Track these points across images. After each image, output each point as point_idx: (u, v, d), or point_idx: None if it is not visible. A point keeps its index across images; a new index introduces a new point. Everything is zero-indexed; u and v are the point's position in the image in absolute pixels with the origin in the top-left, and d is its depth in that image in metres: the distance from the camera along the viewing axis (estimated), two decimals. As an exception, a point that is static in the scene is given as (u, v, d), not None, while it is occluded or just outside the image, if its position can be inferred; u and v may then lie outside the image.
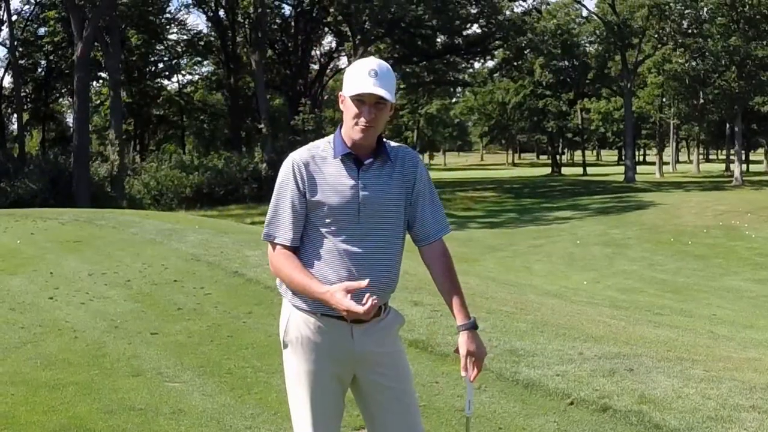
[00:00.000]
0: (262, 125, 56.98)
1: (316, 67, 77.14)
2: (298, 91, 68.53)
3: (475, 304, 11.71)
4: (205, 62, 79.88)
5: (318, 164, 4.05)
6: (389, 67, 4.01)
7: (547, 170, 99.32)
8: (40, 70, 72.80)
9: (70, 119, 76.74)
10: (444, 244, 4.16)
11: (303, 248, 4.07)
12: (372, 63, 3.96)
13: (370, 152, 4.01)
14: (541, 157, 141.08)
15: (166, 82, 79.87)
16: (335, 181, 3.99)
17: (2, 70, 68.11)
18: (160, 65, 78.54)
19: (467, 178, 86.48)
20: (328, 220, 3.99)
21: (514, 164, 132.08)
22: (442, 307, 10.85)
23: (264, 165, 53.45)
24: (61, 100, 79.99)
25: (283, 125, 64.17)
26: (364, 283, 3.82)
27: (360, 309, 3.75)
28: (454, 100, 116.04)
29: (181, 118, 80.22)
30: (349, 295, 3.80)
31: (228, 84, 70.88)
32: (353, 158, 4.01)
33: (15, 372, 8.45)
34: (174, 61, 78.06)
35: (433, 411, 6.98)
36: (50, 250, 17.03)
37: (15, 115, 67.24)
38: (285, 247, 4.05)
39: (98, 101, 75.52)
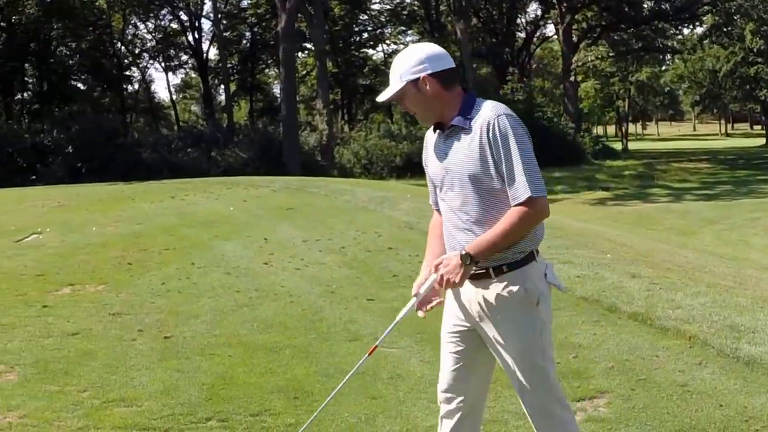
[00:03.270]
0: (469, 94, 56.58)
1: (521, 35, 76.32)
2: (504, 59, 68.03)
3: (695, 277, 11.28)
4: (408, 31, 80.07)
5: (430, 136, 4.37)
6: (401, 54, 4.22)
7: (761, 140, 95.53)
8: (244, 42, 74.56)
9: (276, 90, 78.56)
10: (522, 207, 3.97)
11: None
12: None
13: (449, 122, 4.15)
14: (755, 127, 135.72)
15: (371, 51, 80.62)
16: (433, 150, 4.29)
17: (208, 42, 70.21)
18: (365, 35, 79.24)
19: (680, 149, 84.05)
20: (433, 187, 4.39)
21: (727, 134, 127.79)
22: (660, 279, 10.54)
23: (470, 134, 53.18)
24: (266, 71, 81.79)
25: (490, 95, 63.73)
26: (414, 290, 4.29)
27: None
28: (663, 67, 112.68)
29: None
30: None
31: (433, 53, 70.74)
32: (440, 126, 4.22)
33: (232, 334, 8.62)
34: (378, 31, 78.61)
35: (653, 384, 6.69)
36: (263, 217, 17.37)
37: (222, 87, 69.15)
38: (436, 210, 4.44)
39: (304, 72, 76.81)
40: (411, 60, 4.11)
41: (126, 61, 70.57)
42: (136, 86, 76.04)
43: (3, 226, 18.41)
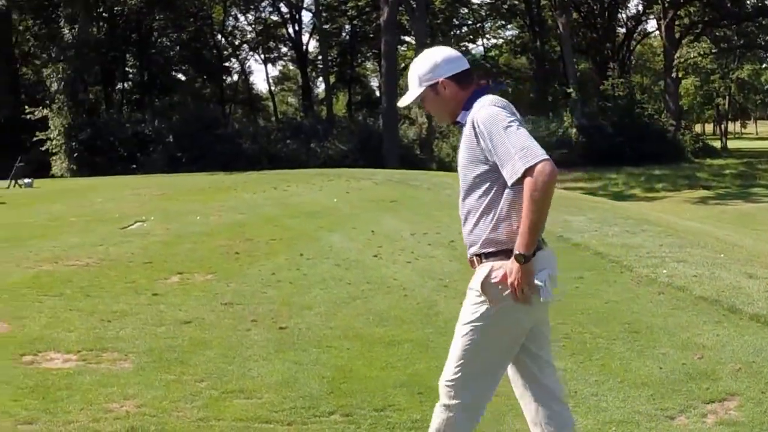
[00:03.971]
0: (570, 90, 55.92)
1: (622, 30, 75.15)
2: (605, 55, 67.05)
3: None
4: (508, 26, 79.46)
5: None
6: (418, 59, 4.40)
7: None
8: (344, 34, 74.65)
9: (374, 82, 78.59)
10: (527, 179, 3.97)
11: None
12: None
13: (461, 116, 4.31)
14: None
15: (470, 45, 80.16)
16: None
17: (307, 35, 70.41)
18: (464, 29, 78.86)
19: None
20: None
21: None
22: (781, 279, 10.12)
23: (574, 131, 52.59)
24: (365, 63, 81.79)
25: (591, 90, 62.87)
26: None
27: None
28: (764, 65, 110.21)
29: (487, 81, 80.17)
30: None
31: (533, 48, 70.23)
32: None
33: (347, 327, 8.43)
34: (478, 25, 78.18)
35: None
36: (367, 209, 17.23)
37: (321, 79, 69.27)
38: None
39: (402, 65, 76.70)
40: (429, 65, 4.33)
41: (225, 52, 71.18)
42: (235, 77, 76.73)
43: (107, 214, 18.58)
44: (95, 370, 7.05)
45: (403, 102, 4.43)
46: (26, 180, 32.73)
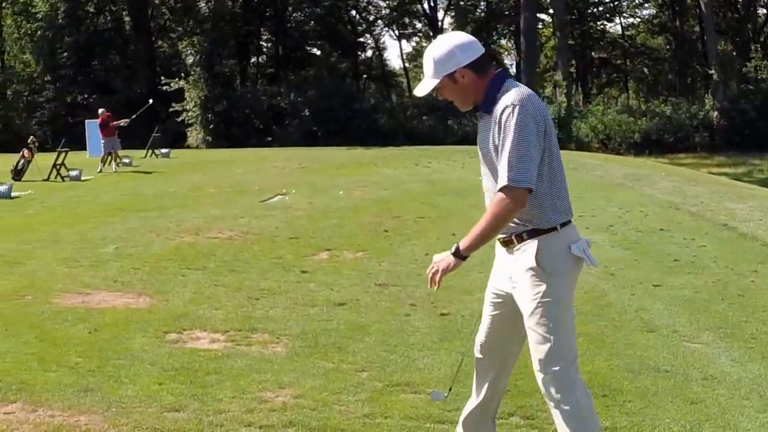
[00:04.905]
0: (712, 71, 53.90)
1: (764, 11, 72.36)
2: (746, 36, 64.58)
3: None
4: (646, 4, 77.34)
5: None
6: (433, 47, 4.23)
7: None
8: (479, 11, 73.58)
9: (507, 60, 77.39)
10: (500, 194, 4.01)
11: None
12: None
13: (483, 105, 4.18)
14: None
15: (608, 24, 78.30)
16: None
17: (443, 11, 69.60)
18: (601, 8, 77.07)
19: None
20: None
21: None
22: None
23: (715, 113, 50.63)
24: (499, 41, 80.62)
25: (732, 72, 60.57)
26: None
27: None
28: None
29: (624, 61, 78.39)
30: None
31: (672, 27, 68.08)
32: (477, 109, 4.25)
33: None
34: (615, 3, 76.28)
35: None
36: (514, 188, 16.52)
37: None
38: None
39: (537, 43, 75.41)
40: (444, 53, 4.17)
41: (360, 28, 70.86)
42: (369, 53, 76.39)
43: (247, 186, 18.30)
44: (245, 353, 6.51)
45: (420, 91, 4.27)
46: (163, 150, 33.00)
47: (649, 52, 76.60)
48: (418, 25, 75.91)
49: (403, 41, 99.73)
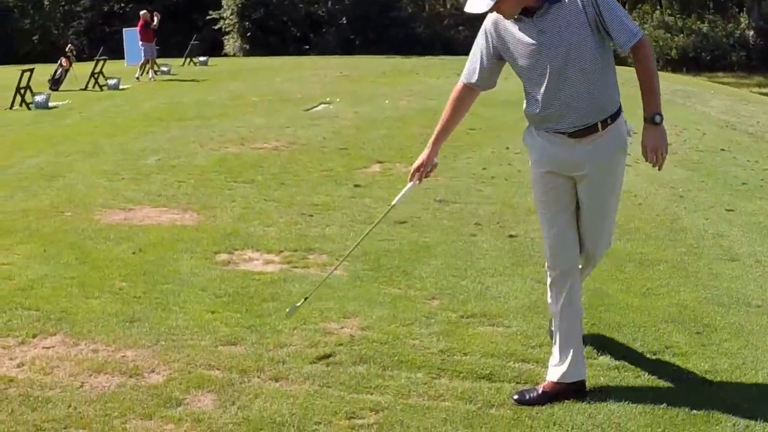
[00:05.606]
0: (746, -11, 52.36)
1: None
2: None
3: None
4: None
5: (501, 27, 4.22)
6: None
7: None
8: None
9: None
10: (641, 50, 4.07)
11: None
12: None
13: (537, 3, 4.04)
14: None
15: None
16: (521, 37, 4.13)
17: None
18: None
19: None
20: (519, 73, 4.25)
21: None
22: None
23: (752, 32, 49.19)
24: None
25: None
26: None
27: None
28: None
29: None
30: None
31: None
32: (524, 12, 4.07)
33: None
34: None
35: None
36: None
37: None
38: (464, 85, 4.50)
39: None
40: None
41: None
42: (407, -39, 74.92)
43: (289, 94, 17.78)
44: (303, 276, 6.02)
45: (479, 8, 3.98)
46: (201, 58, 32.48)
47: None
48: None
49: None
